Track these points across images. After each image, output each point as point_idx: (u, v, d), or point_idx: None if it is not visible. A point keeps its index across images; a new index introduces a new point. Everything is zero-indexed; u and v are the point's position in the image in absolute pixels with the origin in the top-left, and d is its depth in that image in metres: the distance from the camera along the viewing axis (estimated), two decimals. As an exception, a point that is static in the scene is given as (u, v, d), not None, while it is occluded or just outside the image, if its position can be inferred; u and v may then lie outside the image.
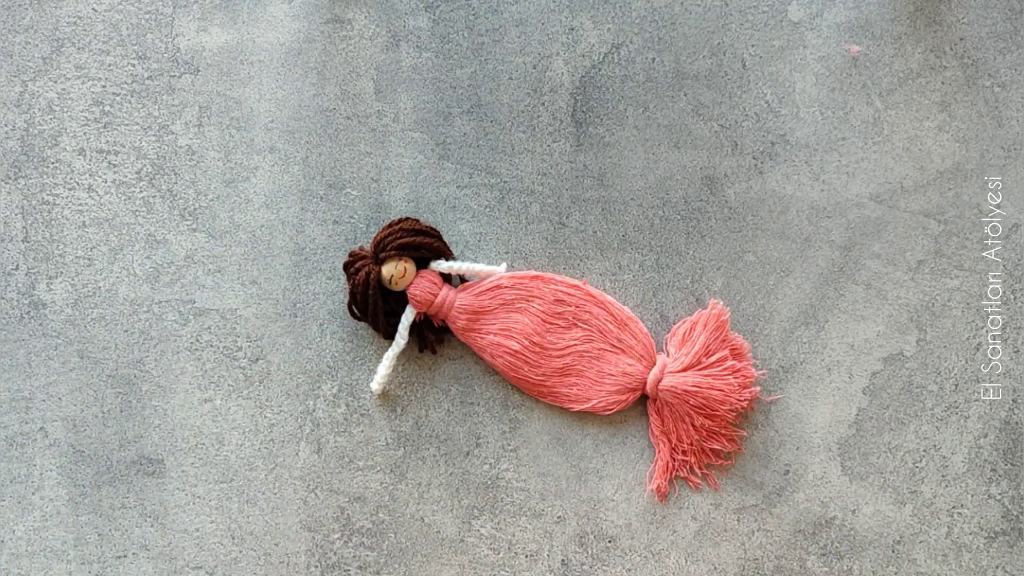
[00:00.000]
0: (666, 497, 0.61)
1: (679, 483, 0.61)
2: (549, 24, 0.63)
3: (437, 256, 0.61)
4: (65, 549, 0.60)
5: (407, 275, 0.60)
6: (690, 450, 0.60)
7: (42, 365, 0.61)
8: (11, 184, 0.62)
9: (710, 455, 0.60)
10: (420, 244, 0.60)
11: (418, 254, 0.60)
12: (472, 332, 0.61)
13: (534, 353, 0.61)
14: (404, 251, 0.59)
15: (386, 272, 0.59)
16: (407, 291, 0.60)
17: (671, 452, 0.60)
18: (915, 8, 0.64)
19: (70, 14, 0.63)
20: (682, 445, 0.60)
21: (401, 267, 0.59)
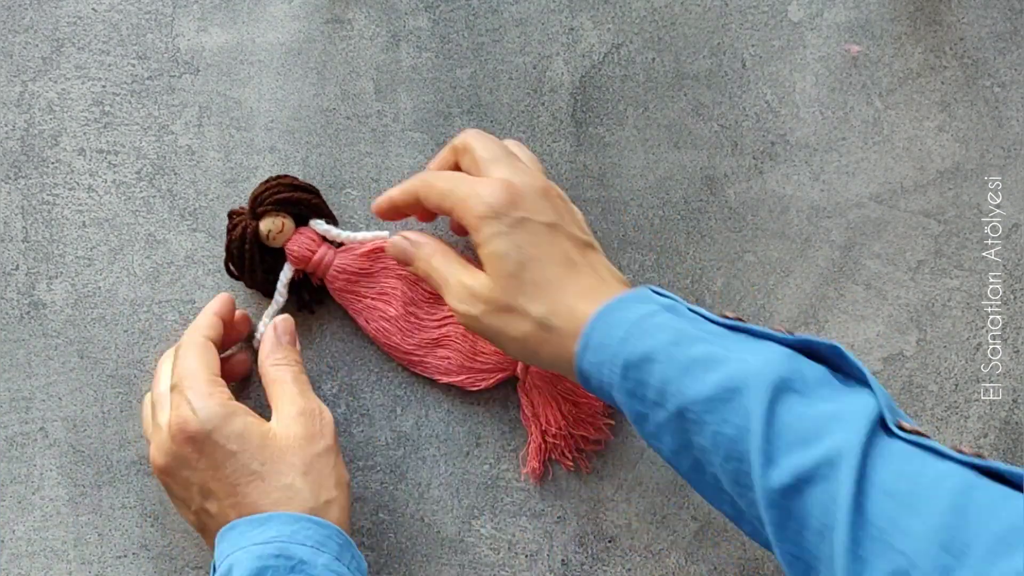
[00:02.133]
0: (541, 479, 0.60)
1: (680, 484, 0.61)
2: (549, 24, 0.63)
3: (316, 213, 0.60)
4: (65, 549, 0.60)
5: (285, 230, 0.59)
6: (559, 434, 0.60)
7: (42, 365, 0.61)
8: (11, 184, 0.62)
9: (579, 440, 0.60)
10: (299, 200, 0.59)
11: (296, 210, 0.59)
12: (349, 294, 0.60)
13: (408, 322, 0.60)
14: (282, 207, 0.59)
15: (263, 227, 0.58)
16: (284, 247, 0.59)
17: (542, 435, 0.60)
18: (915, 8, 0.64)
19: (70, 14, 0.63)
20: (551, 429, 0.60)
21: (279, 222, 0.59)
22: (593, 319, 0.50)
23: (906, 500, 0.40)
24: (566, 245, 0.53)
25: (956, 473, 0.40)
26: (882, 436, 0.43)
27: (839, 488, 0.41)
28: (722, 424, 0.45)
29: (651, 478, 0.61)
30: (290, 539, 0.49)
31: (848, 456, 0.41)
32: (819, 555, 0.42)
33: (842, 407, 0.43)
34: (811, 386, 0.44)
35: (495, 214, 0.52)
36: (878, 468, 0.41)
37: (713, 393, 0.45)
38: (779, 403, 0.44)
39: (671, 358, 0.47)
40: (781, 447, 0.43)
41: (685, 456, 0.47)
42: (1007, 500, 0.39)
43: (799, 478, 0.42)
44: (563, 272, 0.52)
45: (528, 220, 0.52)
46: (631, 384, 0.48)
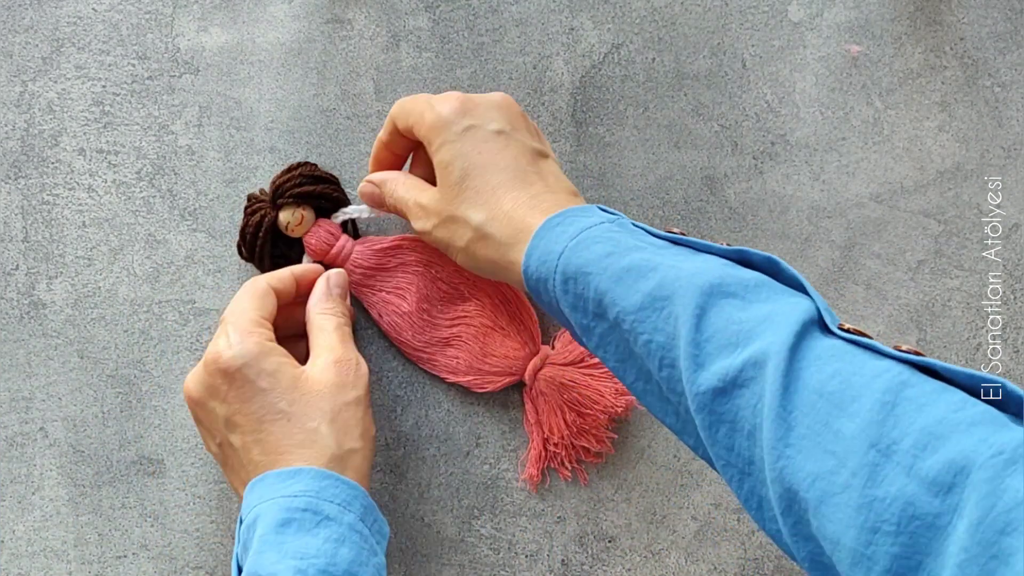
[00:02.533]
0: (543, 488, 0.60)
1: (680, 484, 0.61)
2: (549, 24, 0.63)
3: (336, 205, 0.60)
4: (65, 549, 0.60)
5: (304, 223, 0.59)
6: (560, 443, 0.60)
7: (42, 365, 0.61)
8: (11, 184, 0.62)
9: (580, 451, 0.60)
10: (321, 193, 0.59)
11: (318, 203, 0.60)
12: (365, 288, 0.60)
13: (421, 319, 0.60)
14: (304, 199, 0.59)
15: (283, 218, 0.59)
16: (303, 239, 0.60)
17: (543, 442, 0.60)
18: (915, 8, 0.64)
19: (70, 14, 0.63)
20: (553, 437, 0.60)
21: (299, 215, 0.59)
22: (536, 233, 0.50)
23: (837, 400, 0.39)
24: (515, 151, 0.53)
25: (891, 370, 0.39)
26: (816, 335, 0.42)
27: (765, 388, 0.41)
28: (654, 332, 0.45)
29: (651, 478, 0.61)
30: (318, 495, 0.49)
31: (775, 356, 0.41)
32: (751, 458, 0.42)
33: (776, 308, 0.43)
34: (747, 288, 0.44)
35: (444, 123, 0.53)
36: (809, 368, 0.40)
37: (644, 301, 0.45)
38: (710, 307, 0.43)
39: (605, 269, 0.46)
40: (710, 351, 0.43)
41: (629, 366, 0.47)
42: (939, 395, 0.38)
43: (727, 381, 0.42)
44: (507, 179, 0.52)
45: (476, 127, 0.53)
46: (571, 297, 0.48)
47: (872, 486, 0.37)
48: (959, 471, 0.35)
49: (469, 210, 0.52)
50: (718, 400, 0.42)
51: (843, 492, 0.38)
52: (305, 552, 0.48)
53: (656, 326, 0.45)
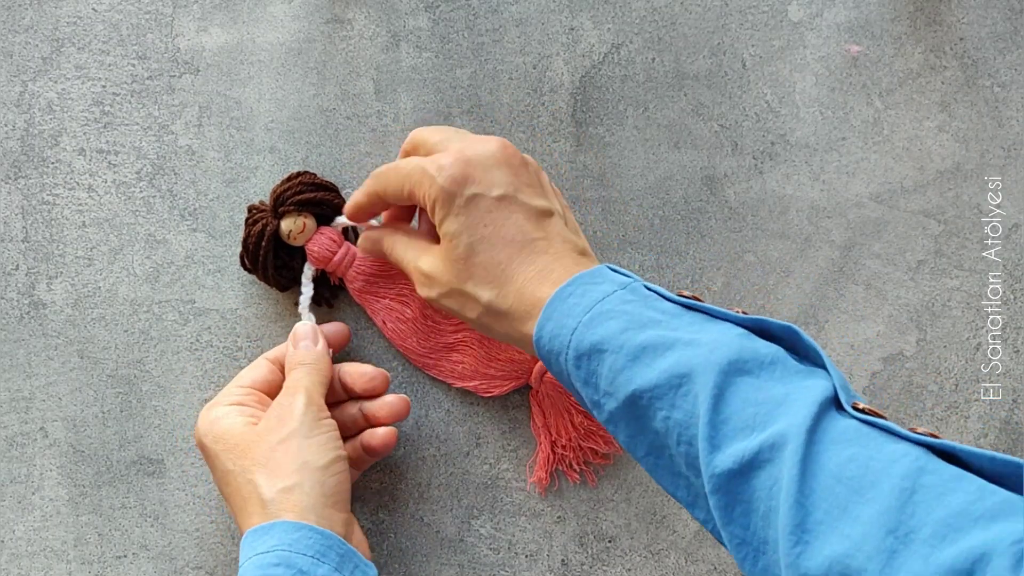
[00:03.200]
0: (547, 489, 0.60)
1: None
2: (549, 24, 0.63)
3: (336, 212, 0.60)
4: (65, 549, 0.60)
5: (306, 231, 0.59)
6: (568, 446, 0.60)
7: (42, 365, 0.61)
8: (11, 184, 0.62)
9: (588, 453, 0.60)
10: (321, 200, 0.59)
11: (319, 210, 0.60)
12: (368, 295, 0.60)
13: (425, 325, 0.60)
14: (304, 207, 0.59)
15: (285, 227, 0.59)
16: (305, 247, 0.59)
17: (551, 445, 0.60)
18: (915, 8, 0.64)
19: (70, 14, 0.63)
20: (561, 440, 0.60)
21: (300, 222, 0.59)
22: (546, 306, 0.49)
23: (855, 484, 0.39)
24: (519, 219, 0.52)
25: (908, 454, 0.40)
26: (833, 416, 0.42)
27: (783, 471, 0.41)
28: (672, 410, 0.44)
29: (651, 478, 0.61)
30: (291, 548, 0.49)
31: (793, 438, 0.41)
32: (766, 539, 0.42)
33: (793, 389, 0.43)
34: (764, 366, 0.44)
35: (447, 195, 0.51)
36: (826, 452, 0.41)
37: (662, 380, 0.45)
38: (728, 387, 0.43)
39: (620, 347, 0.46)
40: (727, 433, 0.43)
41: (641, 441, 0.47)
42: (957, 482, 0.38)
43: (743, 463, 0.42)
44: (514, 251, 0.51)
45: (480, 196, 0.51)
46: (584, 373, 0.48)
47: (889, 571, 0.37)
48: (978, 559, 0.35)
49: (477, 288, 0.52)
50: (734, 481, 0.42)
51: None
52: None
53: (674, 403, 0.44)
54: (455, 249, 0.52)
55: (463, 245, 0.51)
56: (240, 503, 0.52)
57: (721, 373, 0.43)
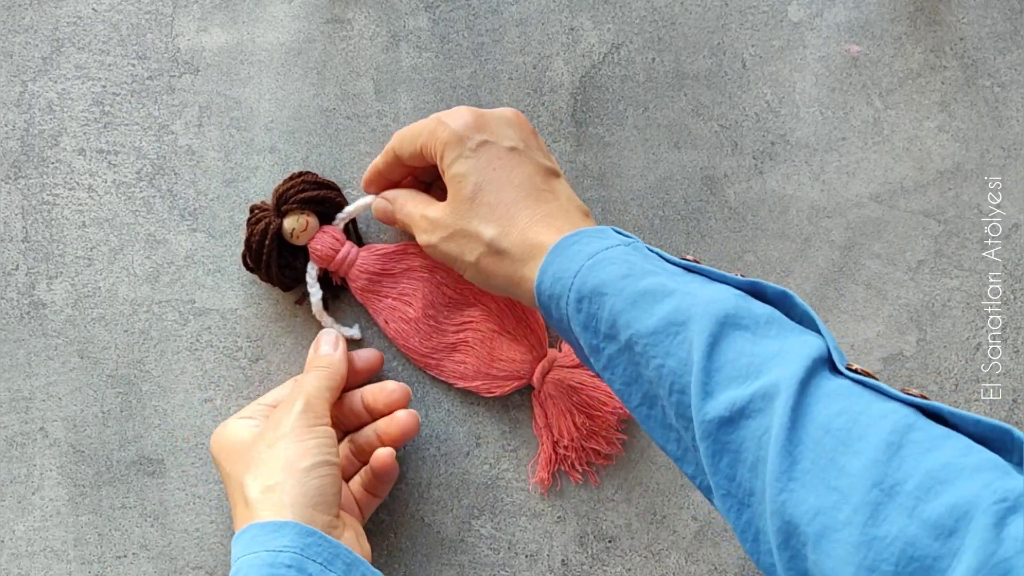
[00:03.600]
0: (549, 489, 0.60)
1: (680, 484, 0.61)
2: (549, 24, 0.63)
3: (339, 210, 0.60)
4: (65, 549, 0.60)
5: (309, 229, 0.59)
6: (571, 446, 0.60)
7: (42, 365, 0.61)
8: (11, 184, 0.62)
9: (590, 453, 0.60)
10: (323, 198, 0.60)
11: (321, 209, 0.60)
12: (370, 294, 0.60)
13: (428, 325, 0.60)
14: (307, 205, 0.59)
15: (287, 225, 0.59)
16: (308, 246, 0.59)
17: (553, 446, 0.60)
18: (915, 8, 0.64)
19: (70, 14, 0.63)
20: (563, 440, 0.60)
21: (303, 221, 0.59)
22: (551, 251, 0.50)
23: (843, 437, 0.39)
24: (529, 169, 0.53)
25: (897, 412, 0.40)
26: (826, 374, 0.42)
27: (773, 421, 0.41)
28: (666, 356, 0.45)
29: (651, 478, 0.61)
30: (303, 552, 0.49)
31: (785, 389, 0.41)
32: (752, 489, 0.42)
33: (787, 345, 0.43)
34: (760, 324, 0.44)
35: (458, 138, 0.53)
36: (817, 404, 0.41)
37: (659, 325, 0.45)
38: (723, 337, 0.43)
39: (621, 291, 0.46)
40: (720, 380, 0.43)
41: (635, 390, 0.47)
42: (944, 440, 0.38)
43: (734, 410, 0.42)
44: (521, 195, 0.52)
45: (490, 143, 0.53)
46: (584, 317, 0.48)
47: (873, 525, 0.37)
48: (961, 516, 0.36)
49: (481, 224, 0.52)
50: (724, 429, 0.42)
51: (843, 528, 0.38)
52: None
53: (669, 350, 0.45)
54: (462, 189, 0.52)
55: (471, 184, 0.52)
56: (233, 505, 0.53)
57: (717, 323, 0.44)
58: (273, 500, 0.50)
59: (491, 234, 0.52)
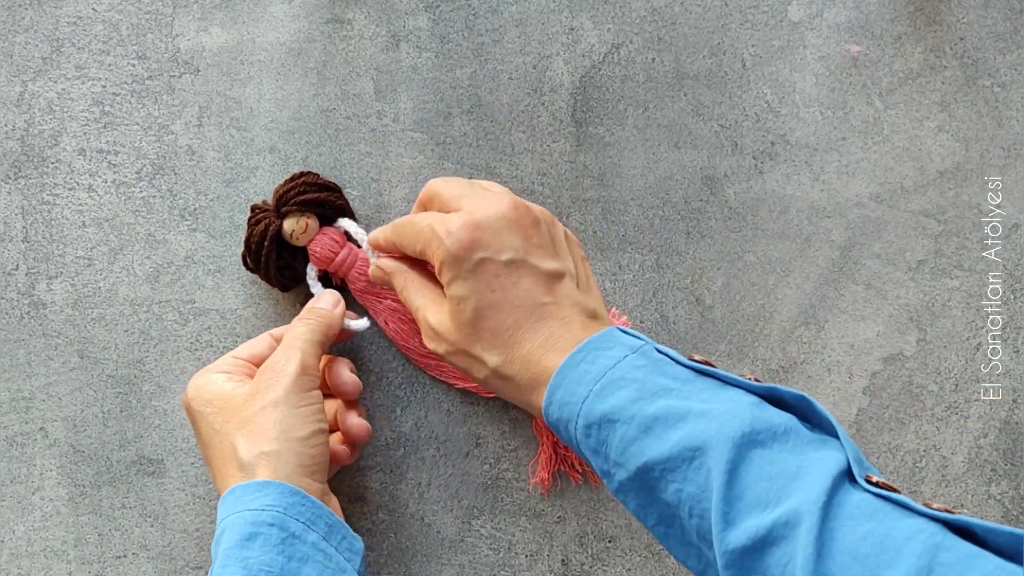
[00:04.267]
0: (549, 489, 0.60)
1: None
2: (549, 24, 0.63)
3: (340, 213, 0.60)
4: (65, 549, 0.60)
5: (308, 230, 0.59)
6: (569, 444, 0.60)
7: (42, 365, 0.61)
8: (11, 184, 0.62)
9: None
10: (324, 200, 0.59)
11: (321, 211, 0.60)
12: (370, 296, 0.60)
13: None
14: (307, 207, 0.59)
15: (287, 227, 0.59)
16: (308, 248, 0.59)
17: (553, 446, 0.60)
18: (915, 8, 0.64)
19: (70, 14, 0.63)
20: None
21: (303, 222, 0.59)
22: (556, 375, 0.49)
23: (872, 564, 0.39)
24: (528, 283, 0.51)
25: (924, 531, 0.39)
26: (847, 490, 0.42)
27: (797, 549, 0.40)
28: (684, 482, 0.44)
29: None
30: (285, 511, 0.49)
31: (807, 516, 0.41)
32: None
33: (806, 461, 0.43)
34: (777, 437, 0.44)
35: (454, 259, 0.51)
36: (841, 528, 0.40)
37: (675, 452, 0.44)
38: (741, 461, 0.43)
39: (632, 418, 0.46)
40: (741, 508, 0.42)
41: (651, 512, 0.47)
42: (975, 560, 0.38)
43: (757, 539, 0.42)
44: (523, 316, 0.51)
45: (488, 261, 0.51)
46: (593, 442, 0.48)
47: None
48: None
49: (485, 352, 0.51)
50: (748, 557, 0.42)
51: None
52: (269, 569, 0.47)
53: (687, 476, 0.44)
54: (462, 313, 0.51)
55: (470, 309, 0.51)
56: (220, 464, 0.52)
57: (734, 447, 0.43)
58: (271, 467, 0.50)
59: (495, 362, 0.51)
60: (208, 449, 0.53)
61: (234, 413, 0.52)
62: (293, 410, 0.51)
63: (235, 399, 0.53)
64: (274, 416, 0.51)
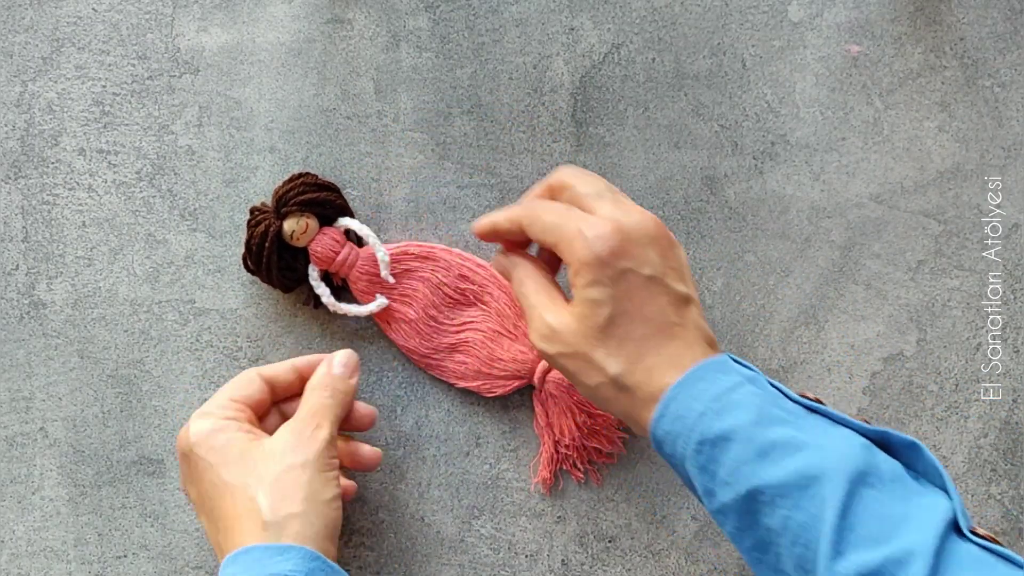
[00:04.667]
0: (551, 489, 0.60)
1: (680, 484, 0.61)
2: (549, 24, 0.63)
3: (339, 212, 0.60)
4: (65, 549, 0.60)
5: (309, 231, 0.59)
6: (572, 445, 0.60)
7: (42, 365, 0.61)
8: (11, 184, 0.62)
9: (592, 452, 0.60)
10: (323, 200, 0.59)
11: (321, 210, 0.60)
12: (371, 296, 0.60)
13: (428, 326, 0.60)
14: (307, 207, 0.59)
15: (287, 227, 0.59)
16: (308, 248, 0.59)
17: (555, 445, 0.60)
18: (915, 8, 0.64)
19: (70, 14, 0.63)
20: (564, 439, 0.60)
21: (303, 223, 0.59)
22: (673, 388, 0.48)
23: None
24: (663, 301, 0.50)
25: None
26: (955, 540, 0.42)
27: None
28: (794, 509, 0.44)
29: (651, 478, 0.61)
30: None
31: (920, 558, 0.41)
32: None
33: (914, 508, 0.43)
34: (886, 482, 0.44)
35: (599, 262, 0.49)
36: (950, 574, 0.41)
37: (790, 479, 0.45)
38: (855, 496, 0.44)
39: (750, 440, 0.46)
40: (852, 540, 0.43)
41: (748, 535, 0.47)
42: None
43: (865, 572, 0.42)
44: (652, 332, 0.50)
45: (630, 272, 0.50)
46: (704, 459, 0.47)
47: None
48: None
49: (608, 358, 0.50)
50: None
51: None
52: None
53: (798, 504, 0.44)
54: (594, 316, 0.50)
55: (604, 315, 0.50)
56: (232, 517, 0.51)
57: (850, 481, 0.44)
58: (296, 529, 0.50)
59: (616, 370, 0.50)
60: (211, 500, 0.52)
61: (255, 468, 0.52)
62: (319, 474, 0.52)
63: (255, 453, 0.52)
64: (303, 478, 0.51)
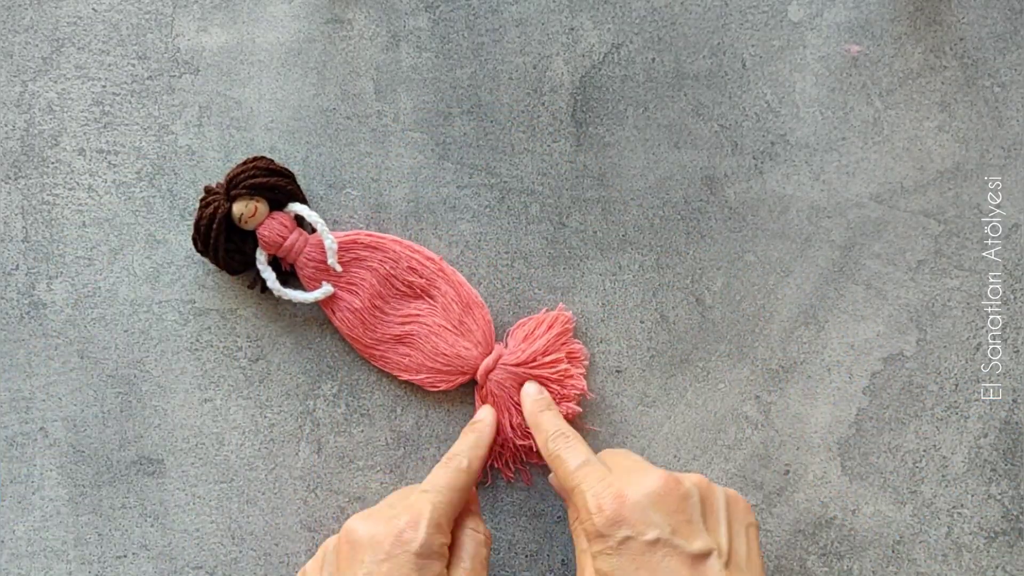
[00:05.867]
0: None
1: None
2: (549, 24, 0.63)
3: (291, 198, 0.60)
4: (65, 549, 0.60)
5: (257, 215, 0.59)
6: (505, 444, 0.60)
7: (42, 365, 0.61)
8: (11, 184, 0.62)
9: (523, 452, 0.60)
10: (274, 185, 0.60)
11: (272, 195, 0.60)
12: (318, 282, 0.60)
13: (373, 316, 0.60)
14: (257, 191, 0.59)
15: (236, 210, 0.59)
16: (256, 232, 0.60)
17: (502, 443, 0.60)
18: (915, 8, 0.64)
19: (70, 14, 0.63)
20: (498, 437, 0.59)
21: (252, 206, 0.59)
22: None
23: None
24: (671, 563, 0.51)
25: None
26: None
27: None
28: None
29: (651, 478, 0.61)
30: None
31: None
32: None
33: None
34: None
35: (599, 535, 0.51)
36: None
37: None
38: None
39: None
40: None
41: None
42: None
43: None
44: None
45: (631, 540, 0.51)
46: None
47: None
48: None
49: None
50: None
51: None
52: None
53: None
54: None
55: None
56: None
57: None
58: None
59: None
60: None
61: None
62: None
63: None
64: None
